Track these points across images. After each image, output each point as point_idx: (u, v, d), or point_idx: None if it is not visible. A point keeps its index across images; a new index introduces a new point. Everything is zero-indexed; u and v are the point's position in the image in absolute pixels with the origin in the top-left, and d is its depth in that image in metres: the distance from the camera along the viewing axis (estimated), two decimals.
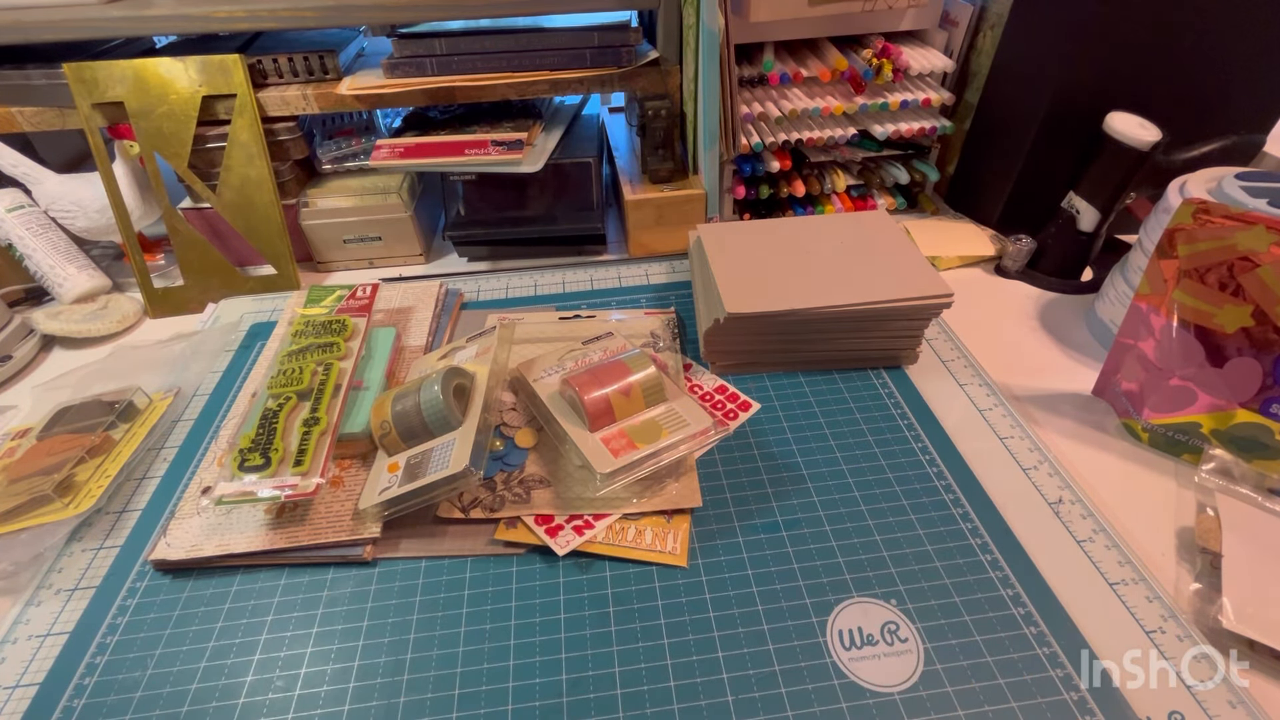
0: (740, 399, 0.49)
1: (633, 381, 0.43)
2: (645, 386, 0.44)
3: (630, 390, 0.43)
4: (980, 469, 0.44)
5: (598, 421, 0.42)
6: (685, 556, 0.39)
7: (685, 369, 0.52)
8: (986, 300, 0.61)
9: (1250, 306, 0.40)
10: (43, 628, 0.37)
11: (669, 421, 0.43)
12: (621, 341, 0.50)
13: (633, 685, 0.33)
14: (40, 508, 0.41)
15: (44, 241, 0.61)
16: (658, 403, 0.44)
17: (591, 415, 0.42)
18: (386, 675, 0.34)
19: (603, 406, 0.42)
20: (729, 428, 0.47)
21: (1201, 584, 0.37)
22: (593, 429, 0.42)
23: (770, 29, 0.62)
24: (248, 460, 0.40)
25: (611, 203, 0.73)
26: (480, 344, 0.50)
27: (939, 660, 0.34)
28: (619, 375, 0.44)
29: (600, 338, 0.51)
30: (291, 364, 0.47)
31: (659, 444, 0.41)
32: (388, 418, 0.43)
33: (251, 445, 0.41)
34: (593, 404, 0.42)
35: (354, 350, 0.49)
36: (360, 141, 0.67)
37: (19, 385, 0.55)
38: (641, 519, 0.41)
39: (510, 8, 0.60)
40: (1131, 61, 0.57)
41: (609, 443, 0.41)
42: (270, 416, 0.43)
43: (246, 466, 0.40)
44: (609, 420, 0.43)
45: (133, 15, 0.57)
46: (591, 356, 0.48)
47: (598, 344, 0.50)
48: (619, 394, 0.43)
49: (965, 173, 0.71)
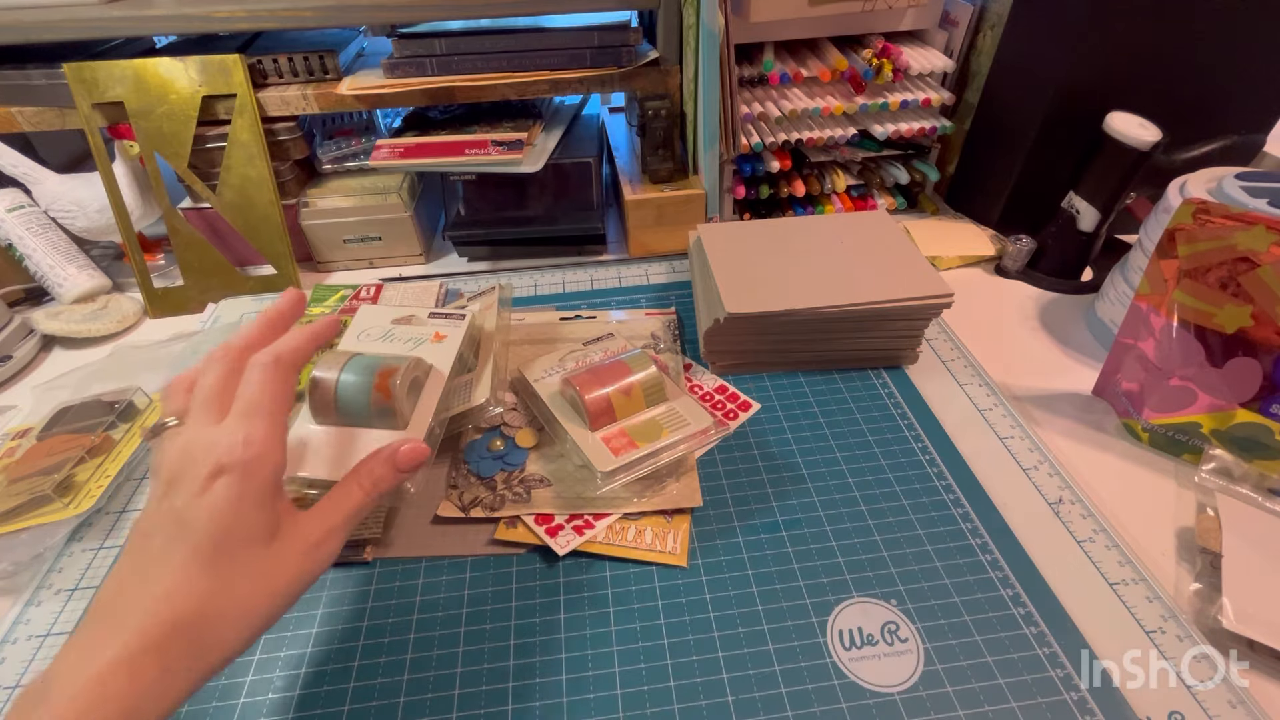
0: (740, 399, 0.49)
1: (633, 381, 0.43)
2: (646, 386, 0.44)
3: (631, 390, 0.43)
4: (980, 469, 0.44)
5: (598, 420, 0.42)
6: (685, 556, 0.39)
7: (685, 369, 0.52)
8: (986, 300, 0.61)
9: (1250, 306, 0.40)
10: (43, 628, 0.37)
11: (669, 421, 0.43)
12: (622, 343, 0.50)
13: (633, 685, 0.33)
14: (40, 508, 0.41)
15: (44, 241, 0.61)
16: (658, 402, 0.44)
17: (592, 414, 0.42)
18: (386, 675, 0.34)
19: (603, 405, 0.42)
20: (729, 427, 0.47)
21: (1201, 584, 0.37)
22: (593, 428, 0.42)
23: (770, 29, 0.62)
24: None
25: (611, 203, 0.73)
26: (483, 301, 0.50)
27: (939, 660, 0.34)
28: (620, 375, 0.44)
29: (601, 339, 0.51)
30: None
31: (659, 443, 0.41)
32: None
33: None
34: (593, 403, 0.42)
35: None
36: (360, 141, 0.67)
37: (19, 385, 0.55)
38: (642, 519, 0.41)
39: (510, 8, 0.60)
40: (1131, 61, 0.57)
41: (609, 442, 0.41)
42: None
43: None
44: (609, 419, 0.43)
45: (133, 15, 0.57)
46: (592, 357, 0.48)
47: (599, 345, 0.50)
48: (620, 393, 0.43)
49: (965, 173, 0.71)
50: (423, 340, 0.45)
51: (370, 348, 0.44)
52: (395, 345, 0.45)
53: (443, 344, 0.44)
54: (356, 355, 0.40)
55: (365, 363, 0.39)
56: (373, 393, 0.38)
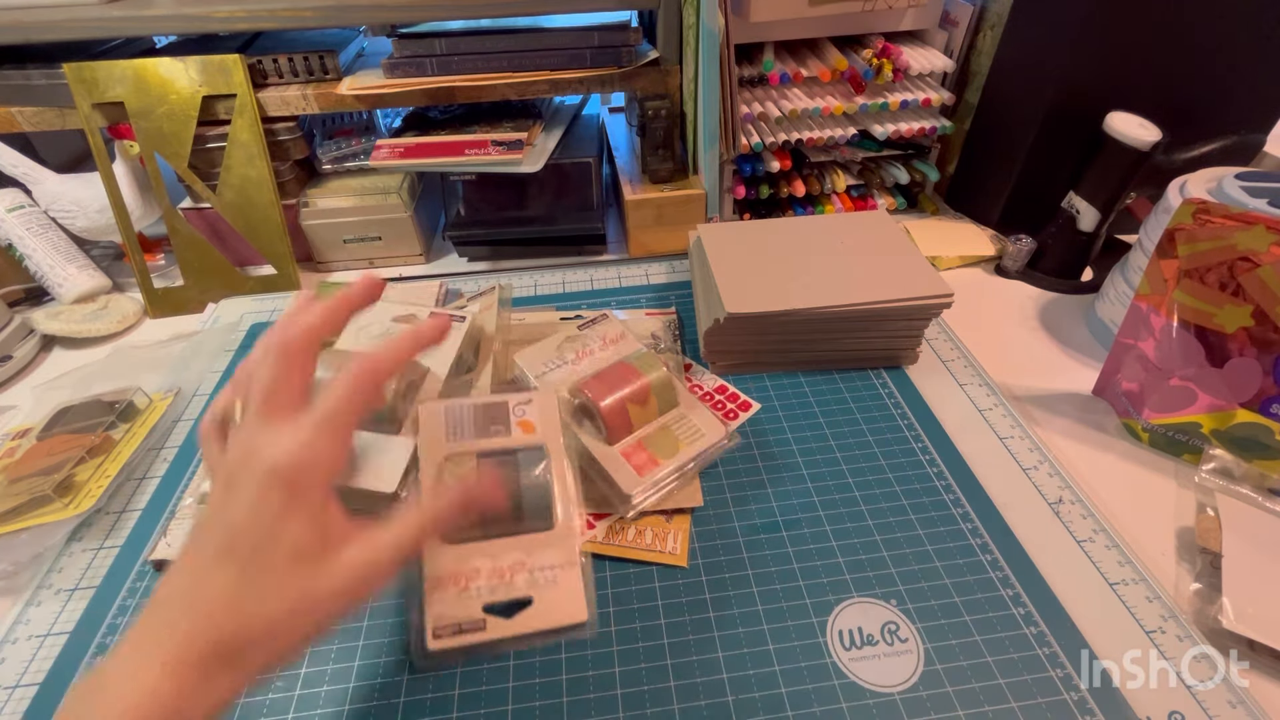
0: (740, 399, 0.49)
1: (647, 385, 0.42)
2: (659, 391, 0.43)
3: (645, 399, 0.42)
4: (980, 469, 0.44)
5: (617, 434, 0.41)
6: (685, 556, 0.39)
7: (685, 369, 0.52)
8: (986, 300, 0.61)
9: (1250, 306, 0.40)
10: (43, 628, 0.37)
11: (684, 433, 0.42)
12: (619, 326, 0.49)
13: (633, 685, 0.33)
14: (40, 508, 0.41)
15: (44, 241, 0.61)
16: (670, 407, 0.43)
17: (611, 428, 0.41)
18: (386, 675, 0.34)
19: (621, 419, 0.41)
20: (735, 435, 0.46)
21: (1201, 584, 0.37)
22: (611, 441, 0.41)
23: (770, 29, 0.62)
24: None
25: (611, 203, 0.73)
26: (482, 301, 0.49)
27: (939, 660, 0.34)
28: (629, 378, 0.43)
29: (596, 321, 0.50)
30: None
31: (678, 458, 0.41)
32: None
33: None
34: (610, 415, 0.41)
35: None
36: (360, 141, 0.67)
37: (19, 385, 0.55)
38: (642, 519, 0.41)
39: (510, 8, 0.60)
40: (1131, 61, 0.57)
41: (630, 457, 0.41)
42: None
43: None
44: (627, 431, 0.42)
45: (133, 15, 0.57)
46: (591, 345, 0.47)
47: (595, 329, 0.49)
48: (635, 403, 0.42)
49: (965, 173, 0.71)
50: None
51: (368, 347, 0.44)
52: None
53: (441, 345, 0.44)
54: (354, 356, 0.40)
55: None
56: None
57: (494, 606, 0.32)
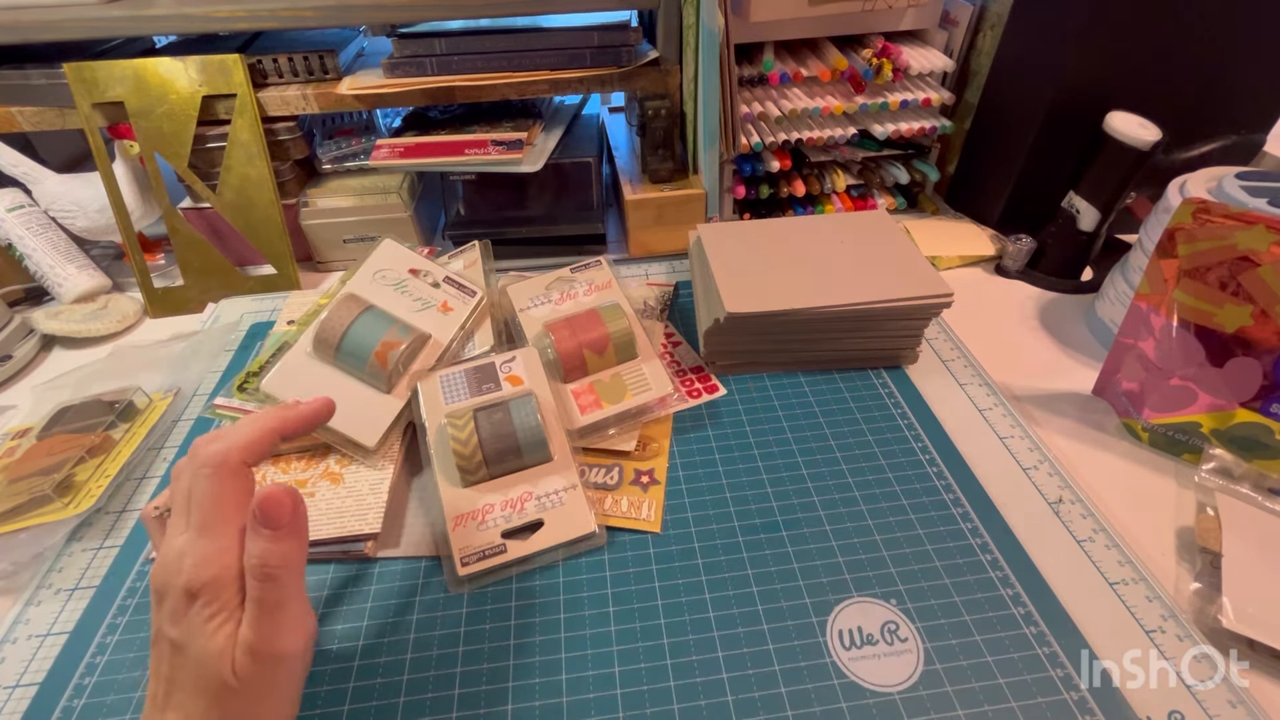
0: (710, 381, 0.50)
1: (606, 335, 0.46)
2: (618, 342, 0.46)
3: (604, 348, 0.46)
4: (980, 469, 0.44)
5: (571, 375, 0.45)
6: (659, 524, 0.41)
7: (669, 339, 0.53)
8: (986, 300, 0.61)
9: (1250, 306, 0.40)
10: (43, 627, 0.37)
11: (634, 383, 0.45)
12: (608, 274, 0.52)
13: (633, 685, 0.33)
14: (40, 508, 0.41)
15: (44, 241, 0.61)
16: (629, 359, 0.46)
17: (566, 369, 0.45)
18: (387, 675, 0.34)
19: (577, 362, 0.45)
20: (689, 402, 0.48)
21: (1201, 584, 0.37)
22: (565, 380, 0.45)
23: (770, 29, 0.62)
24: (248, 384, 0.41)
25: (611, 202, 0.73)
26: (465, 258, 0.52)
27: (939, 660, 0.34)
28: (592, 328, 0.46)
29: (588, 265, 0.53)
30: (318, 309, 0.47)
31: (622, 405, 0.44)
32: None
33: (258, 370, 0.42)
34: (567, 357, 0.45)
35: None
36: (360, 141, 0.67)
37: (19, 385, 0.55)
38: (619, 489, 0.43)
39: (510, 8, 0.60)
40: (1131, 61, 0.57)
41: (579, 397, 0.44)
42: (285, 349, 0.44)
43: (246, 389, 0.41)
44: (582, 374, 0.45)
45: (133, 15, 0.57)
46: (577, 289, 0.50)
47: (585, 274, 0.52)
48: (593, 350, 0.45)
49: (965, 173, 0.71)
50: (431, 304, 0.47)
51: (382, 295, 0.47)
52: (404, 302, 0.47)
53: (449, 316, 0.46)
54: (371, 309, 0.43)
55: (377, 323, 0.43)
56: (372, 357, 0.42)
57: (511, 532, 0.38)
